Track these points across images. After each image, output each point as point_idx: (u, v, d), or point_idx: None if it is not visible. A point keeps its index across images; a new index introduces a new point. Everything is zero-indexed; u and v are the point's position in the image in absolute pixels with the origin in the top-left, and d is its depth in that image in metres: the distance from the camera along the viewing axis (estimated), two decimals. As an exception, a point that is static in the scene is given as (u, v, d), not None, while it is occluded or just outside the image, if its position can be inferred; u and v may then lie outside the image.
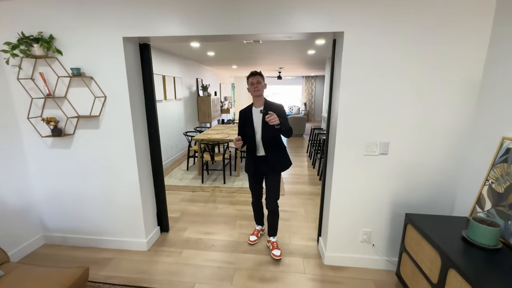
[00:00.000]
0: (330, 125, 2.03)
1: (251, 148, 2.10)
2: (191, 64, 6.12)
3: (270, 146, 2.04)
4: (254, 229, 2.50)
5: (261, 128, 2.01)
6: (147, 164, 2.26)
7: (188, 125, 5.96)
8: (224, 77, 9.84)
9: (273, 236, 2.26)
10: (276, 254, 2.15)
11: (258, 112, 2.02)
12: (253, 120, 2.04)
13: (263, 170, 2.12)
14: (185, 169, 4.60)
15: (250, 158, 2.14)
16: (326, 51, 4.72)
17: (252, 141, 2.06)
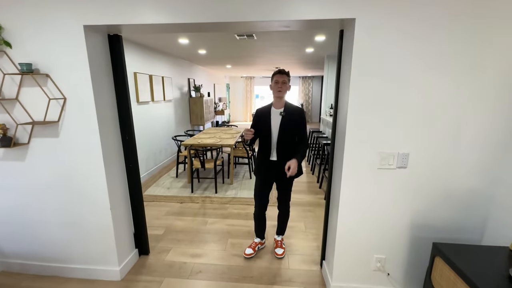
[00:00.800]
0: (336, 132, 1.71)
1: (264, 151, 1.97)
2: (182, 63, 5.78)
3: (284, 151, 1.91)
4: (252, 241, 2.29)
5: (278, 131, 1.89)
6: (121, 178, 1.92)
7: (179, 128, 5.61)
8: (219, 77, 9.50)
9: (280, 235, 2.26)
10: (278, 252, 2.16)
11: (278, 113, 1.90)
12: (271, 121, 1.90)
13: (273, 176, 2.00)
14: (175, 176, 4.25)
15: (262, 161, 2.00)
16: (325, 49, 4.42)
17: (267, 143, 1.93)
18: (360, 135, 1.49)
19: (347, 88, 1.47)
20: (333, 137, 1.77)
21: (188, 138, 4.27)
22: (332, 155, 1.80)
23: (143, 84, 3.99)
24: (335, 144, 1.75)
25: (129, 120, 1.89)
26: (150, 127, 4.30)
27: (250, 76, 11.87)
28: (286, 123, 1.87)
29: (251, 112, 12.31)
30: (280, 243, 2.24)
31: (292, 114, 1.89)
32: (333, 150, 1.79)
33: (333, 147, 1.79)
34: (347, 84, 1.47)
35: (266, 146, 1.94)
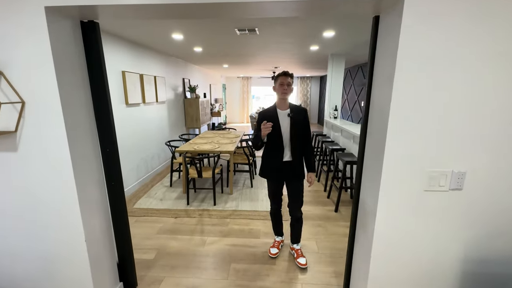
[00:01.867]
0: (368, 144, 1.39)
1: (276, 152, 1.96)
2: (176, 62, 5.41)
3: (297, 151, 1.96)
4: (274, 241, 2.33)
5: (289, 131, 1.92)
6: (100, 199, 1.56)
7: (174, 132, 5.23)
8: (215, 77, 9.14)
9: (297, 244, 2.20)
10: (301, 262, 2.09)
11: (285, 115, 1.92)
12: (279, 122, 1.92)
13: (286, 177, 2.02)
14: (168, 185, 3.88)
15: (273, 163, 1.99)
16: (331, 47, 4.12)
17: (278, 145, 1.94)
18: (404, 149, 1.17)
19: (388, 90, 1.15)
20: (361, 150, 1.45)
21: (183, 144, 3.91)
22: (359, 173, 1.48)
23: (133, 84, 3.61)
24: (364, 160, 1.43)
25: (110, 128, 1.54)
26: (141, 131, 3.92)
27: (247, 77, 11.54)
28: (295, 123, 1.92)
29: (248, 113, 11.98)
30: (300, 251, 2.18)
31: (298, 114, 1.94)
32: (361, 167, 1.47)
33: (361, 163, 1.46)
34: (388, 86, 1.15)
35: (278, 148, 1.94)
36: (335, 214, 2.99)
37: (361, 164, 1.47)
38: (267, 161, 2.04)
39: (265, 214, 2.97)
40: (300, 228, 2.16)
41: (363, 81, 6.32)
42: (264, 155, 2.05)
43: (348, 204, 3.24)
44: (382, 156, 1.20)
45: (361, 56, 5.12)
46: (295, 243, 2.20)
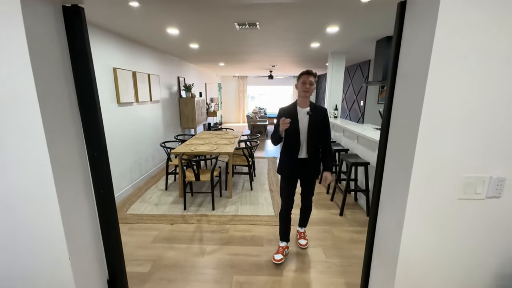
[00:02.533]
0: (389, 149, 1.25)
1: (293, 149, 1.99)
2: (171, 60, 5.20)
3: (314, 149, 2.00)
4: (278, 247, 2.22)
5: (307, 129, 1.95)
6: (87, 210, 1.38)
7: (168, 132, 5.03)
8: (210, 76, 8.94)
9: (303, 227, 2.38)
10: (302, 243, 2.30)
11: (305, 113, 1.95)
12: (298, 120, 1.95)
13: (301, 174, 2.06)
14: (164, 189, 3.68)
15: (289, 160, 2.02)
16: (332, 45, 3.99)
17: (296, 142, 1.97)
18: (438, 154, 1.03)
19: (418, 89, 1.01)
20: (381, 158, 1.31)
21: (179, 145, 3.72)
22: (378, 183, 1.33)
23: (125, 82, 3.41)
24: (385, 164, 1.29)
25: (98, 130, 1.35)
26: (134, 132, 3.72)
27: (243, 76, 11.37)
28: (314, 122, 1.95)
29: (244, 113, 11.81)
30: (304, 234, 2.38)
31: (318, 113, 1.96)
32: (380, 177, 1.32)
33: (380, 173, 1.32)
34: (419, 84, 1.01)
35: (295, 145, 1.97)
36: (340, 218, 2.85)
37: (380, 173, 1.32)
38: (284, 157, 2.09)
39: (267, 219, 2.81)
40: (309, 215, 2.33)
41: (362, 80, 6.23)
42: (281, 152, 2.11)
43: (352, 207, 3.11)
44: (410, 164, 1.05)
45: (361, 54, 5.02)
46: (301, 226, 2.38)
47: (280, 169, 2.12)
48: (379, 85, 4.64)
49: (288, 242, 2.21)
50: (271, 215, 2.90)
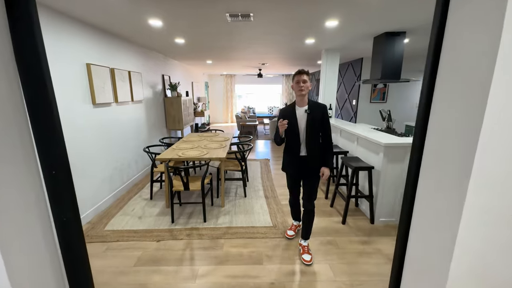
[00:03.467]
0: (427, 150, 1.02)
1: (294, 148, 2.05)
2: (155, 56, 4.81)
3: (312, 146, 2.02)
4: (291, 224, 2.53)
5: (305, 128, 1.99)
6: (43, 245, 1.05)
7: (153, 135, 4.64)
8: (197, 74, 8.55)
9: (305, 240, 2.22)
10: (306, 259, 2.11)
11: (303, 111, 1.99)
12: (297, 119, 2.00)
13: (303, 172, 2.09)
14: (148, 198, 3.33)
15: (291, 158, 2.10)
16: (327, 42, 3.79)
17: (296, 141, 2.03)
18: (504, 159, 0.81)
19: (480, 85, 0.78)
20: (415, 163, 1.08)
21: (165, 150, 3.38)
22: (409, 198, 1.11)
23: (102, 80, 3.02)
24: (421, 176, 1.06)
25: (57, 140, 1.03)
26: (114, 135, 3.33)
27: (230, 74, 11.04)
28: (312, 120, 1.97)
29: (232, 112, 11.49)
30: (307, 248, 2.20)
31: (316, 111, 1.98)
32: (413, 186, 1.10)
33: (414, 179, 1.09)
34: (477, 82, 0.78)
35: (295, 143, 2.03)
36: (343, 227, 2.65)
37: (413, 188, 1.10)
38: (286, 155, 2.16)
39: (265, 231, 2.56)
40: (311, 222, 2.18)
41: (354, 78, 6.11)
42: (284, 150, 2.17)
43: (354, 213, 2.92)
44: (468, 171, 0.82)
45: (355, 52, 4.87)
46: (303, 238, 2.23)
47: (284, 167, 2.20)
48: (378, 83, 4.49)
49: (300, 221, 2.44)
50: (269, 226, 2.65)
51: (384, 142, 2.47)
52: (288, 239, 2.43)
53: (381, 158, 2.58)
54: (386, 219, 2.72)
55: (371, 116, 6.00)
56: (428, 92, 1.01)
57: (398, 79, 3.39)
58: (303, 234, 2.22)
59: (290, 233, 2.45)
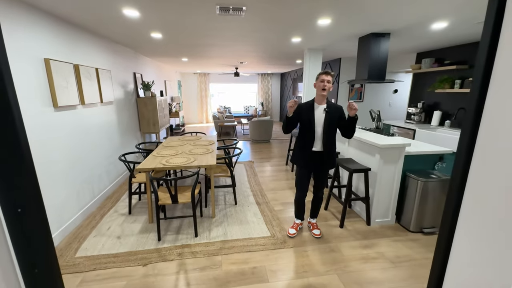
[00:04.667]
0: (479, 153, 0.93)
1: (308, 142, 2.16)
2: (124, 52, 4.32)
3: (328, 143, 2.15)
4: (293, 223, 2.54)
5: (323, 125, 2.12)
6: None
7: (126, 140, 4.17)
8: (169, 73, 8.02)
9: (314, 218, 2.52)
10: (316, 233, 2.45)
11: (322, 110, 2.12)
12: (314, 115, 2.13)
13: (314, 166, 2.23)
14: (126, 213, 2.94)
15: (304, 152, 2.20)
16: (313, 40, 3.72)
17: (310, 136, 2.14)
18: None
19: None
20: (461, 169, 0.99)
21: (144, 157, 3.01)
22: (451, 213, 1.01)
23: (64, 78, 2.57)
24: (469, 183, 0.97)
25: (20, 163, 0.74)
26: (81, 143, 2.87)
27: (204, 73, 10.60)
28: (330, 119, 2.12)
29: (207, 113, 11.08)
30: (316, 224, 2.54)
31: (335, 111, 2.14)
32: (459, 190, 1.01)
33: (459, 184, 1.00)
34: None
35: (309, 138, 2.16)
36: (341, 231, 2.59)
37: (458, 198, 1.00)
38: (298, 149, 2.27)
39: (264, 242, 2.39)
40: (320, 204, 2.49)
41: (332, 78, 6.19)
42: (296, 143, 2.30)
43: (348, 216, 2.89)
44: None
45: (335, 51, 4.90)
46: (313, 217, 2.53)
47: (295, 159, 2.31)
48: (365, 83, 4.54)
49: (302, 220, 2.53)
50: (267, 236, 2.48)
51: (381, 144, 2.45)
52: (289, 245, 2.28)
53: (377, 160, 2.56)
54: (381, 220, 2.72)
55: (350, 115, 6.15)
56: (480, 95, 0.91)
57: (383, 80, 3.45)
58: (312, 214, 2.52)
59: (292, 232, 2.47)
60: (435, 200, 2.50)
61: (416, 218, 2.55)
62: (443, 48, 4.40)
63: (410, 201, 2.59)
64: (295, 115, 2.11)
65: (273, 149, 6.25)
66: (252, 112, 11.30)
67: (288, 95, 10.28)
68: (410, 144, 2.51)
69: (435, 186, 2.45)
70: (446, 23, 2.78)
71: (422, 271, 2.02)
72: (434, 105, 4.61)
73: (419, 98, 4.93)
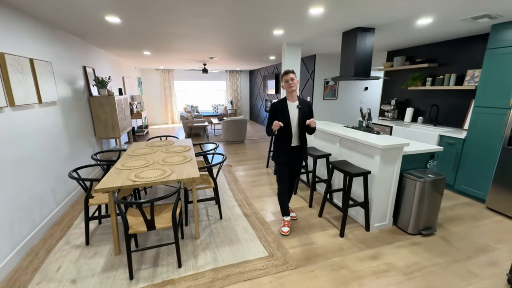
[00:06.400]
0: None
1: (286, 139, 2.31)
2: (71, 41, 3.53)
3: (303, 137, 2.36)
4: (283, 221, 2.52)
5: (297, 121, 2.29)
6: None
7: (78, 148, 3.41)
8: (128, 68, 7.09)
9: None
10: (293, 215, 2.74)
11: (295, 107, 2.29)
12: (289, 113, 2.27)
13: (293, 160, 2.39)
14: (83, 243, 2.32)
15: (284, 148, 2.34)
16: (294, 34, 3.46)
17: (288, 132, 2.29)
18: None
19: None
20: None
21: (106, 173, 2.41)
22: None
23: (-18, 71, 1.85)
24: None
25: None
26: (10, 159, 2.16)
27: (168, 69, 9.74)
28: (303, 114, 2.29)
29: (172, 113, 10.24)
30: (290, 208, 2.77)
31: (305, 107, 2.31)
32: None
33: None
34: None
35: (288, 135, 2.30)
36: (343, 242, 2.38)
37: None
38: (278, 146, 2.38)
39: (264, 265, 2.04)
40: (292, 192, 2.65)
41: (307, 75, 6.09)
42: (276, 141, 2.40)
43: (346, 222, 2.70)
44: None
45: (313, 47, 4.74)
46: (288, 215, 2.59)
47: (276, 156, 2.41)
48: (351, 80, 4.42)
49: (289, 215, 2.54)
50: (264, 257, 2.14)
51: (382, 145, 2.28)
52: (291, 265, 1.98)
53: (376, 162, 2.40)
54: (379, 224, 2.59)
55: (326, 113, 6.12)
56: None
57: (368, 76, 3.34)
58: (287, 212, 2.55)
59: (285, 230, 2.47)
60: (431, 199, 2.43)
61: (415, 220, 2.46)
62: (413, 47, 4.53)
63: (407, 203, 2.49)
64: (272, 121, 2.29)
65: (249, 150, 5.91)
66: (221, 111, 10.79)
67: (258, 93, 10.02)
68: (409, 144, 2.39)
69: (431, 186, 2.38)
70: (431, 19, 2.74)
71: (436, 280, 1.89)
72: (406, 102, 4.75)
73: (391, 96, 5.05)
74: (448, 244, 2.34)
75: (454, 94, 3.86)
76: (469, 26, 3.04)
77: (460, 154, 3.34)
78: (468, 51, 3.62)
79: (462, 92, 3.74)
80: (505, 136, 2.82)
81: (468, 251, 2.24)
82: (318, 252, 2.21)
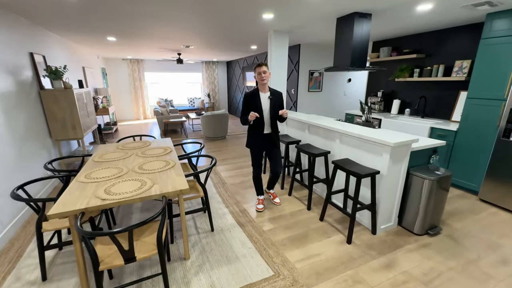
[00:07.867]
0: None
1: (259, 127, 2.52)
2: (12, 22, 2.81)
3: (274, 125, 2.55)
4: (258, 199, 2.83)
5: (269, 111, 2.48)
6: None
7: (27, 155, 2.78)
8: (89, 57, 6.20)
9: (272, 189, 2.97)
10: (277, 201, 2.91)
11: (267, 98, 2.46)
12: (261, 104, 2.45)
13: (266, 146, 2.60)
14: (38, 278, 1.82)
15: (257, 135, 2.56)
16: (284, 20, 3.11)
17: (261, 121, 2.49)
18: None
19: None
20: None
21: (65, 188, 1.90)
22: None
23: None
24: None
25: None
26: None
27: (137, 59, 8.84)
28: (274, 104, 2.49)
29: (144, 107, 9.40)
30: (274, 193, 2.98)
31: (276, 97, 2.51)
32: None
33: None
34: None
35: (260, 123, 2.50)
36: (351, 249, 2.16)
37: None
38: (251, 133, 2.58)
39: (272, 287, 1.73)
40: (277, 180, 2.85)
41: (291, 66, 5.80)
42: (249, 129, 2.58)
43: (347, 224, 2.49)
44: None
45: (299, 36, 4.44)
46: (271, 189, 2.95)
47: (250, 143, 2.61)
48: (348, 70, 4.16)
49: (263, 194, 2.83)
50: (270, 277, 1.84)
51: (393, 142, 2.07)
52: (301, 284, 1.71)
53: (385, 160, 2.19)
54: (385, 226, 2.42)
55: (310, 105, 5.92)
56: None
57: (364, 67, 3.13)
58: (270, 186, 2.93)
59: (260, 207, 2.75)
60: (438, 198, 2.31)
61: (422, 220, 2.32)
62: (400, 37, 4.43)
63: (414, 202, 2.34)
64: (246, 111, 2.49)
65: (232, 146, 5.53)
66: (198, 105, 10.16)
67: (237, 85, 9.55)
68: (418, 140, 2.21)
69: (439, 184, 2.25)
70: (432, 4, 2.57)
71: (457, 287, 1.75)
72: (392, 94, 4.69)
73: (377, 87, 4.96)
74: (456, 244, 2.24)
75: (441, 85, 3.83)
76: (466, 14, 2.94)
77: (452, 146, 3.31)
78: (456, 41, 3.57)
79: (450, 83, 3.71)
80: (500, 127, 2.79)
81: (477, 250, 2.15)
82: (327, 265, 1.96)
